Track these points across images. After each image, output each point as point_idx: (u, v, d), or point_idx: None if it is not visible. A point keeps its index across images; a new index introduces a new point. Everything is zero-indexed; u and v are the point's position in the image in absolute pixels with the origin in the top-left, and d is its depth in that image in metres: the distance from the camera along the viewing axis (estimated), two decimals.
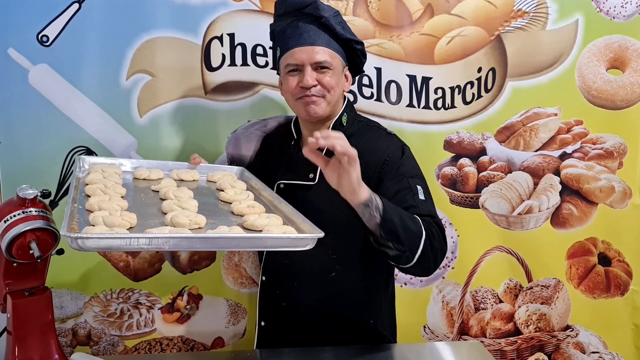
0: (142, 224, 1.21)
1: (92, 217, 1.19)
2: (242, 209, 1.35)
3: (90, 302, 1.89)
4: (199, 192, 1.46)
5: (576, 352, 2.07)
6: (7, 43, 1.72)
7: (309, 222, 1.26)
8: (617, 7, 1.91)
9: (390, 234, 1.25)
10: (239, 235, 1.18)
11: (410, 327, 1.97)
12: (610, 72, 1.96)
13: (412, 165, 1.49)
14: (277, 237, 1.20)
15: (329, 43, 1.48)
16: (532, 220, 2.00)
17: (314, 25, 1.48)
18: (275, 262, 1.58)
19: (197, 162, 1.65)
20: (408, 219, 1.29)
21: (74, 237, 1.03)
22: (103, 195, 1.31)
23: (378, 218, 1.24)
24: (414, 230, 1.28)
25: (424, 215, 1.35)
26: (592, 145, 1.99)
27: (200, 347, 1.96)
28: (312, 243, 1.20)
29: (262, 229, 1.24)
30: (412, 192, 1.40)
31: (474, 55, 1.90)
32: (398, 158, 1.47)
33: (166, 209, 1.31)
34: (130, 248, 1.16)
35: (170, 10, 1.78)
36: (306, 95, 1.47)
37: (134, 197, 1.40)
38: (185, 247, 1.43)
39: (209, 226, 1.25)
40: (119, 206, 1.26)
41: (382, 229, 1.24)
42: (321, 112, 1.48)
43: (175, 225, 1.21)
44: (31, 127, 1.76)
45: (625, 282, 2.05)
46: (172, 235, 1.12)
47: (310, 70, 1.46)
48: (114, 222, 1.16)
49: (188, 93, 1.83)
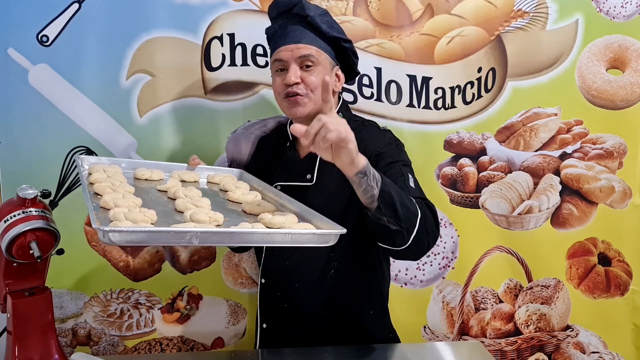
0: (162, 221, 1.21)
1: (112, 213, 1.17)
2: (254, 208, 1.35)
3: (90, 302, 1.89)
4: (204, 192, 1.46)
5: (576, 352, 2.07)
6: (7, 43, 1.72)
7: (326, 219, 1.27)
8: (617, 7, 1.91)
9: (388, 207, 1.23)
10: (268, 231, 1.20)
11: (410, 327, 1.97)
12: (610, 72, 1.96)
13: (403, 157, 1.50)
14: (305, 233, 1.21)
15: (314, 41, 1.49)
16: (532, 220, 2.00)
17: (301, 25, 1.49)
18: (274, 264, 1.57)
19: (196, 163, 1.64)
20: (404, 196, 1.28)
21: (107, 230, 1.03)
22: (114, 193, 1.29)
23: (376, 189, 1.22)
24: (411, 208, 1.27)
25: (416, 197, 1.34)
26: (592, 145, 1.99)
27: (200, 347, 1.96)
28: (335, 239, 1.21)
29: (280, 226, 1.24)
30: (403, 177, 1.40)
31: (474, 55, 1.90)
32: (392, 149, 1.49)
33: (181, 207, 1.30)
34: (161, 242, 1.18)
35: (170, 10, 1.78)
36: (291, 95, 1.47)
37: (141, 196, 1.37)
38: (214, 242, 1.42)
39: (226, 224, 1.25)
40: (134, 203, 1.25)
41: (380, 200, 1.22)
42: (305, 112, 1.48)
43: (195, 222, 1.20)
44: (31, 127, 1.76)
45: (625, 282, 2.05)
46: (206, 229, 1.12)
47: (295, 67, 1.47)
48: (136, 218, 1.15)
49: (188, 93, 1.83)
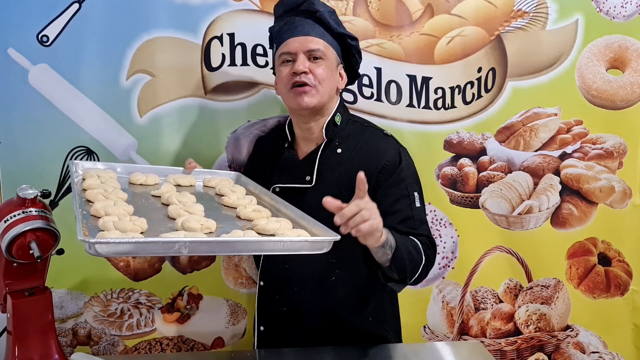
0: (152, 229, 1.19)
1: (101, 222, 1.16)
2: (249, 214, 1.34)
3: (90, 302, 1.89)
4: (199, 197, 1.44)
5: (576, 352, 2.06)
6: (7, 43, 1.72)
7: (321, 225, 1.26)
8: (617, 7, 1.91)
9: (398, 268, 1.34)
10: (259, 239, 1.17)
11: (410, 327, 1.96)
12: (610, 72, 1.96)
13: (410, 170, 1.52)
14: (297, 241, 1.20)
15: (323, 35, 1.50)
16: (532, 220, 1.99)
17: (310, 19, 1.50)
18: (273, 267, 1.57)
19: (192, 167, 1.62)
20: (413, 251, 1.38)
21: (92, 242, 1.00)
22: (106, 200, 1.28)
23: (390, 255, 1.31)
24: (417, 261, 1.39)
25: (420, 234, 1.43)
26: (592, 145, 1.98)
27: (200, 347, 1.95)
28: (329, 246, 1.20)
29: (274, 233, 1.23)
30: (409, 200, 1.46)
31: (474, 55, 1.90)
32: (396, 164, 1.49)
33: (173, 214, 1.28)
34: (148, 253, 1.13)
35: (170, 10, 1.78)
36: (298, 85, 1.47)
37: (135, 202, 1.35)
38: (204, 252, 1.38)
39: (219, 231, 1.22)
40: (125, 211, 1.23)
41: (393, 264, 1.33)
42: (313, 102, 1.48)
43: (186, 229, 1.18)
44: (31, 127, 1.76)
45: (625, 282, 2.05)
46: (194, 239, 1.10)
47: (303, 58, 1.47)
48: (125, 227, 1.13)
49: (188, 93, 1.83)
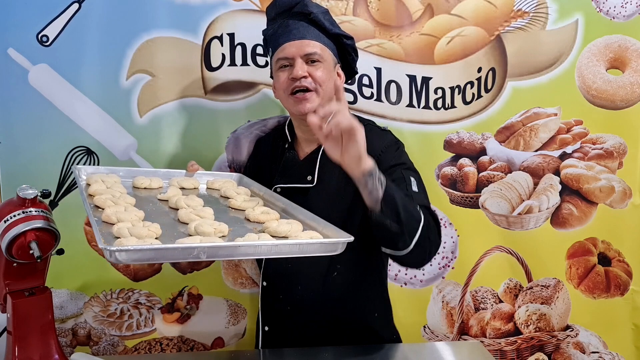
0: (165, 234, 1.17)
1: (116, 229, 1.14)
2: (258, 216, 1.32)
3: (90, 302, 1.89)
4: (205, 200, 1.42)
5: (576, 352, 2.07)
6: (7, 43, 1.72)
7: (331, 226, 1.25)
8: (617, 7, 1.91)
9: (391, 209, 1.24)
10: (277, 243, 1.15)
11: (410, 327, 1.96)
12: (610, 72, 1.96)
13: (406, 158, 1.50)
14: (313, 243, 1.18)
15: (318, 37, 1.49)
16: (532, 220, 1.99)
17: (304, 21, 1.49)
18: (276, 267, 1.57)
19: (195, 169, 1.61)
20: (408, 200, 1.29)
21: (113, 250, 0.99)
22: (116, 206, 1.26)
23: (380, 191, 1.22)
24: (413, 213, 1.28)
25: (420, 205, 1.34)
26: (592, 145, 1.99)
27: (200, 347, 1.95)
28: (343, 247, 1.19)
29: (286, 235, 1.21)
30: (405, 183, 1.40)
31: (474, 55, 1.90)
32: (392, 151, 1.48)
33: (184, 218, 1.26)
34: (168, 259, 1.12)
35: (170, 10, 1.78)
36: (298, 91, 1.46)
37: (143, 207, 1.32)
38: (222, 256, 1.35)
39: (231, 234, 1.21)
40: (137, 217, 1.22)
41: (384, 202, 1.23)
42: (314, 107, 1.46)
43: (200, 234, 1.17)
44: (31, 127, 1.76)
45: (625, 282, 2.05)
46: (214, 244, 1.08)
47: (301, 62, 1.46)
48: (140, 234, 1.12)
49: (188, 93, 1.83)
